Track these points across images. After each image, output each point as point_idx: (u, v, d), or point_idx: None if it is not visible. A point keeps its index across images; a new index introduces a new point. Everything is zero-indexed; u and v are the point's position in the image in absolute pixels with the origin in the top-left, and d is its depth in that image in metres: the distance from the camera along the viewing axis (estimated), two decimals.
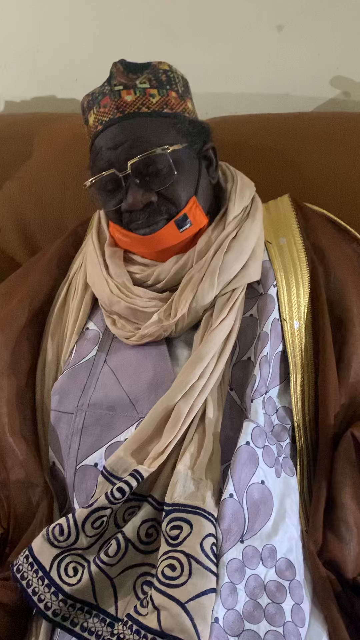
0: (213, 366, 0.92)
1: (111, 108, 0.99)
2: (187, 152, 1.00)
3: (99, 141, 1.00)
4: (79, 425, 0.94)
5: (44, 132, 1.35)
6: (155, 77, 1.00)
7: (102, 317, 1.03)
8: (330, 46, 1.33)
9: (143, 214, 0.99)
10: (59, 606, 0.81)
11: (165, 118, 0.99)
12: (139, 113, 0.98)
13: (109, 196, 1.01)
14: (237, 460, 0.85)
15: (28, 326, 1.06)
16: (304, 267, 1.03)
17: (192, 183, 1.01)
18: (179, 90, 1.02)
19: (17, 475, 0.94)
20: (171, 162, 0.97)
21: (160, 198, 0.98)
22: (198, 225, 1.01)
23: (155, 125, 0.99)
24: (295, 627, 0.79)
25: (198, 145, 1.03)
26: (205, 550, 0.78)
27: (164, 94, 1.00)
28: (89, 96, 1.04)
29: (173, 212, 0.99)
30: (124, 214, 1.01)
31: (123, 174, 0.97)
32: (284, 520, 0.86)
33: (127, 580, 0.82)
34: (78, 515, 0.84)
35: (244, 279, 0.99)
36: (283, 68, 1.35)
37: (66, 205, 1.30)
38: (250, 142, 1.24)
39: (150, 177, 0.98)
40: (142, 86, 0.99)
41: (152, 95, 0.99)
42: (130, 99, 0.98)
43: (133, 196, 0.97)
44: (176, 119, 1.00)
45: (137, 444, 0.88)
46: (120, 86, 0.99)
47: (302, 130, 1.26)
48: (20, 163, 1.34)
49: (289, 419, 0.96)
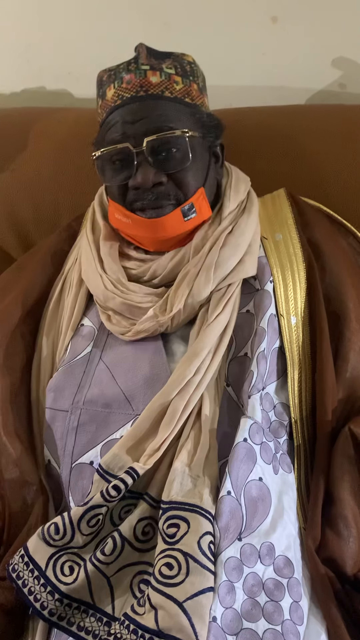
0: (209, 362, 0.92)
1: (135, 85, 0.98)
2: (201, 142, 1.01)
3: (116, 115, 0.99)
4: (74, 423, 0.93)
5: (38, 127, 1.34)
6: (181, 66, 1.01)
7: (97, 313, 1.03)
8: (326, 38, 1.32)
9: (151, 194, 0.97)
10: (55, 606, 0.80)
11: (186, 106, 1.00)
12: (162, 96, 0.98)
13: (116, 171, 0.99)
14: (234, 457, 0.84)
15: (22, 323, 1.06)
16: (300, 263, 1.02)
17: (202, 174, 1.01)
18: (199, 84, 1.04)
19: (11, 474, 0.93)
20: (189, 146, 0.97)
21: (170, 182, 0.98)
22: (202, 217, 1.00)
23: (177, 109, 0.99)
24: (294, 625, 0.78)
25: (211, 138, 1.03)
26: (203, 549, 0.77)
27: (187, 83, 1.01)
28: (109, 71, 1.03)
29: (181, 199, 0.99)
30: (129, 192, 0.99)
31: (137, 149, 0.96)
32: (282, 517, 0.85)
33: (124, 579, 0.82)
34: (73, 513, 0.83)
35: (240, 274, 0.99)
36: (278, 60, 1.34)
37: (60, 200, 1.29)
38: (245, 135, 1.23)
39: (165, 157, 0.97)
40: (168, 71, 1.00)
41: (177, 82, 1.00)
42: (156, 80, 0.98)
43: (144, 174, 0.96)
44: (195, 109, 1.01)
45: (133, 441, 0.87)
46: (147, 66, 0.99)
47: (297, 122, 1.26)
48: (13, 158, 1.33)
49: (287, 415, 0.95)
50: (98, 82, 1.05)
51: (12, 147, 1.33)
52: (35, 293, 1.08)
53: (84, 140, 1.08)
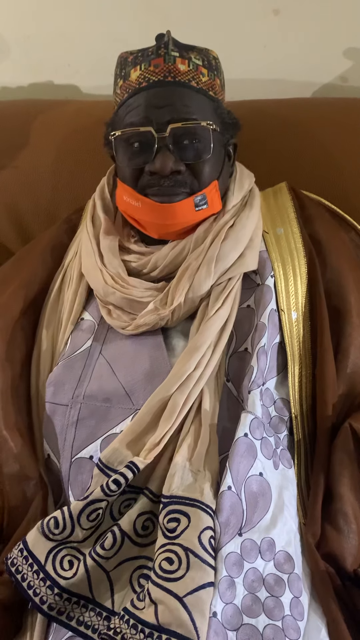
0: (209, 356, 0.91)
1: (163, 70, 0.98)
2: (220, 137, 1.01)
3: (139, 98, 0.99)
4: (74, 417, 0.92)
5: (37, 120, 1.33)
6: (207, 59, 1.02)
7: (97, 307, 1.02)
8: (328, 30, 1.31)
9: (167, 181, 0.97)
10: (55, 600, 0.80)
11: (210, 100, 1.01)
12: (189, 85, 0.99)
13: (134, 153, 0.99)
14: (235, 452, 0.84)
15: (22, 316, 1.05)
16: (302, 258, 1.02)
17: (218, 167, 1.02)
18: (221, 80, 1.05)
19: (11, 469, 0.93)
20: (211, 139, 0.97)
21: (187, 171, 0.98)
22: (213, 210, 1.01)
23: (201, 102, 0.99)
24: (294, 620, 0.78)
25: (228, 136, 1.04)
26: (203, 544, 0.77)
27: (212, 77, 1.02)
28: (136, 53, 1.02)
29: (195, 189, 0.99)
30: (144, 177, 0.99)
31: (160, 135, 0.96)
32: (283, 512, 0.85)
33: (124, 574, 0.81)
34: (73, 507, 0.83)
35: (241, 268, 0.98)
36: (279, 53, 1.34)
37: (59, 193, 1.28)
38: (246, 128, 1.22)
39: (187, 147, 0.97)
40: (196, 62, 1.00)
41: (203, 73, 1.00)
42: (184, 68, 0.99)
43: (163, 160, 0.96)
44: (217, 104, 1.02)
45: (133, 435, 0.87)
46: (176, 53, 0.99)
47: (299, 116, 1.25)
48: (12, 151, 1.32)
49: (287, 411, 0.95)
50: (120, 62, 1.04)
51: (11, 140, 1.32)
52: (35, 286, 1.07)
53: (84, 132, 1.07)
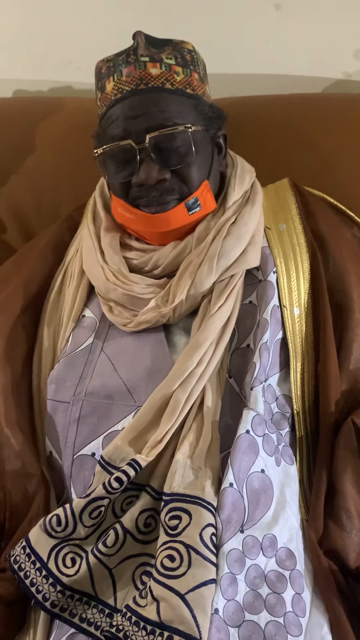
0: (211, 353, 0.91)
1: (134, 78, 0.97)
2: (204, 135, 1.00)
3: (116, 110, 0.98)
4: (76, 415, 0.92)
5: (39, 117, 1.33)
6: (181, 55, 0.99)
7: (98, 304, 1.02)
8: (330, 25, 1.30)
9: (155, 191, 0.97)
10: (57, 597, 0.80)
11: (188, 98, 0.98)
12: (163, 88, 0.97)
13: (119, 167, 0.98)
14: (237, 448, 0.84)
15: (23, 314, 1.05)
16: (304, 254, 1.01)
17: (206, 166, 1.00)
18: (200, 72, 1.02)
19: (13, 466, 0.93)
20: (192, 141, 0.96)
21: (173, 177, 0.97)
22: (207, 210, 1.00)
23: (178, 103, 0.97)
24: (296, 617, 0.78)
25: (214, 130, 1.02)
26: (205, 541, 0.77)
27: (187, 73, 0.99)
28: (108, 62, 1.01)
29: (185, 193, 0.98)
30: (132, 189, 0.98)
31: (140, 146, 0.95)
32: (284, 509, 0.85)
33: (126, 571, 0.81)
34: (75, 505, 0.83)
35: (243, 265, 0.98)
36: (281, 48, 1.33)
37: (61, 191, 1.28)
38: (248, 124, 1.22)
39: (168, 154, 0.96)
40: (168, 62, 0.97)
41: (177, 72, 0.98)
42: (156, 72, 0.97)
43: (147, 171, 0.95)
44: (197, 101, 1.00)
45: (135, 432, 0.87)
46: (146, 58, 0.97)
47: (301, 112, 1.24)
48: (14, 148, 1.32)
49: (289, 407, 0.95)
50: (96, 74, 1.03)
51: (12, 137, 1.33)
52: (36, 284, 1.07)
53: (85, 130, 1.07)
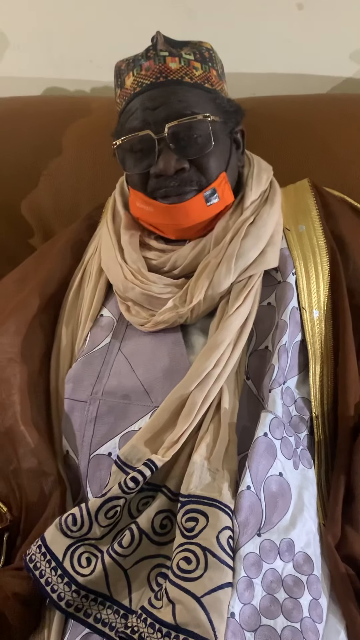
0: (229, 354, 0.91)
1: (154, 72, 0.98)
2: (222, 127, 1.00)
3: (135, 103, 0.99)
4: (93, 414, 0.92)
5: (58, 116, 1.34)
6: (199, 52, 1.00)
7: (116, 303, 1.02)
8: (352, 25, 1.30)
9: (173, 181, 0.97)
10: (72, 597, 0.80)
11: (206, 92, 0.99)
12: (182, 81, 0.98)
13: (138, 159, 0.99)
14: (254, 451, 0.83)
15: (42, 312, 1.05)
16: (324, 255, 1.01)
17: (224, 159, 1.00)
18: (218, 70, 1.03)
19: (29, 464, 0.93)
20: (211, 131, 0.96)
21: (192, 167, 0.97)
22: (225, 202, 0.99)
23: (197, 95, 0.98)
24: (313, 622, 0.77)
25: (232, 124, 1.02)
26: (222, 544, 0.77)
27: (206, 69, 1.00)
28: (127, 60, 1.02)
29: (203, 184, 0.98)
30: (151, 180, 0.98)
31: (159, 136, 0.95)
32: (302, 513, 0.84)
33: (141, 572, 0.81)
34: (91, 504, 0.83)
35: (262, 266, 0.97)
36: (303, 48, 1.33)
37: (81, 190, 1.29)
38: (269, 124, 1.22)
39: (187, 143, 0.96)
40: (187, 57, 0.99)
41: (196, 68, 0.99)
42: (175, 66, 0.98)
43: (165, 161, 0.95)
44: (216, 95, 1.00)
45: (151, 433, 0.87)
46: (166, 52, 0.98)
47: (323, 112, 1.24)
48: (33, 147, 1.32)
49: (307, 410, 0.94)
50: (116, 72, 1.04)
51: (32, 136, 1.33)
52: (55, 283, 1.08)
53: (105, 129, 1.07)
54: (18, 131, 1.34)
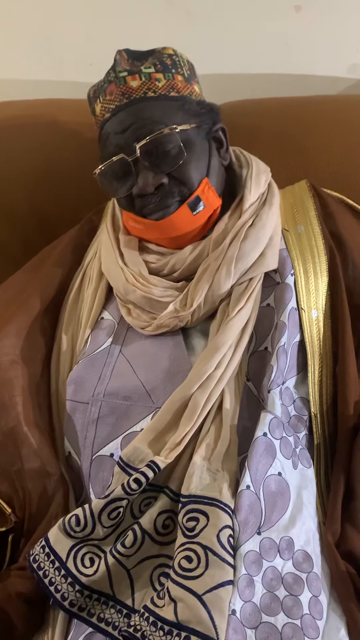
0: (230, 356, 0.91)
1: (117, 95, 0.98)
2: (196, 132, 0.99)
3: (107, 128, 1.00)
4: (95, 415, 0.93)
5: (59, 119, 1.34)
6: (160, 61, 0.99)
7: (117, 306, 1.03)
8: (350, 27, 1.30)
9: (155, 197, 0.97)
10: (76, 597, 0.81)
11: (172, 101, 0.99)
12: (146, 98, 0.97)
13: (120, 183, 1.00)
14: (254, 451, 0.84)
15: (42, 315, 1.06)
16: (322, 256, 1.01)
17: (203, 164, 1.00)
18: (184, 73, 1.01)
19: (32, 464, 0.93)
20: (180, 142, 0.96)
21: (171, 180, 0.97)
22: (211, 207, 1.00)
23: (163, 107, 0.97)
24: (313, 619, 0.78)
25: (207, 125, 1.01)
26: (222, 542, 0.77)
27: (169, 77, 0.99)
28: (94, 87, 1.03)
29: (185, 194, 0.98)
30: (136, 200, 0.99)
31: (132, 158, 0.96)
32: (301, 512, 0.85)
33: (144, 572, 0.82)
34: (94, 505, 0.83)
35: (261, 268, 0.98)
36: (301, 50, 1.33)
37: (82, 193, 1.28)
38: (268, 126, 1.22)
39: (160, 158, 0.96)
40: (147, 71, 0.98)
41: (158, 79, 0.98)
42: (136, 84, 0.97)
43: (144, 179, 0.96)
44: (183, 101, 0.99)
45: (154, 434, 0.87)
46: (125, 72, 0.98)
47: (322, 113, 1.24)
48: (35, 150, 1.33)
49: (306, 410, 0.94)
50: (88, 99, 1.05)
51: (33, 139, 1.33)
52: (55, 286, 1.08)
53: None
54: (19, 134, 1.35)
